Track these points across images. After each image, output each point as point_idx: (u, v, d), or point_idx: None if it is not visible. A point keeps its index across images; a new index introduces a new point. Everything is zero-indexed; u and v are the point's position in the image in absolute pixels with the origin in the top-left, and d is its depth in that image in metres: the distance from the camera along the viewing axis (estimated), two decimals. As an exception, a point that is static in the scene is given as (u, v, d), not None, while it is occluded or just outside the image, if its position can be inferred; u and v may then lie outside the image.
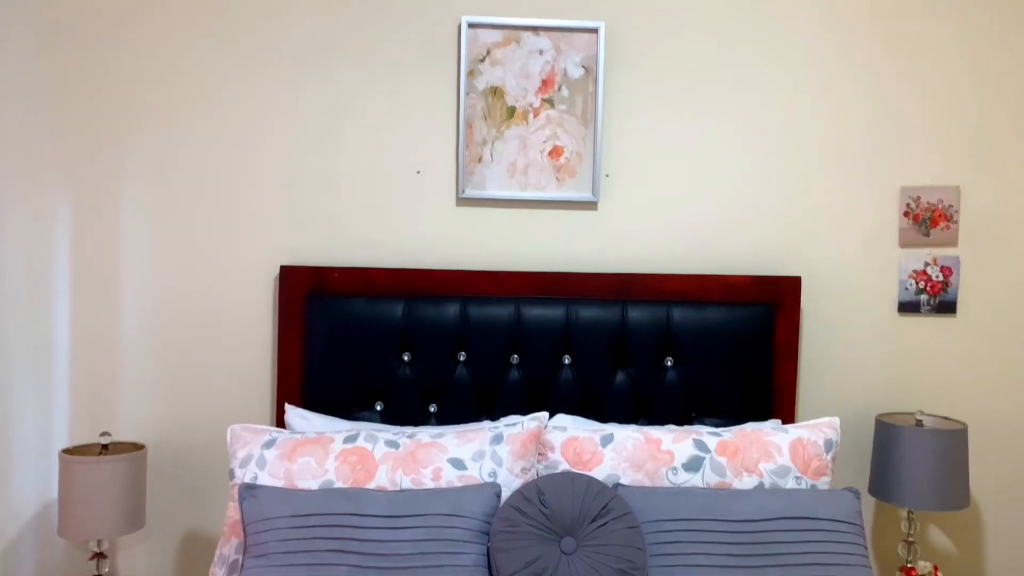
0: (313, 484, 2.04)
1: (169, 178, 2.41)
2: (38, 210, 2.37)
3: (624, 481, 2.13)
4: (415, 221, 2.47)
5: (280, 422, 2.36)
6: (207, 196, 2.42)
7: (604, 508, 1.95)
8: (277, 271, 2.43)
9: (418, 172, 2.46)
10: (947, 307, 2.56)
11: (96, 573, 2.22)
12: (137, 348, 2.42)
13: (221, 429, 2.40)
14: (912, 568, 2.33)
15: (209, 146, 2.41)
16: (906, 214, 2.54)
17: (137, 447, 2.29)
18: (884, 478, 2.34)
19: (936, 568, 2.33)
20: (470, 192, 2.46)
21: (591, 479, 2.01)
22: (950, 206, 2.53)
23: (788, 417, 2.46)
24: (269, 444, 2.12)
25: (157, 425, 2.42)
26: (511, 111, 2.46)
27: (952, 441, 2.28)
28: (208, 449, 2.42)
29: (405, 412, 2.39)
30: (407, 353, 2.40)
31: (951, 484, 2.27)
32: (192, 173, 2.41)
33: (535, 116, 2.46)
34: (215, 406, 2.43)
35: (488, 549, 1.95)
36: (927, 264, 2.54)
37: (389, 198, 2.46)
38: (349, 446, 2.11)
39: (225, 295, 2.44)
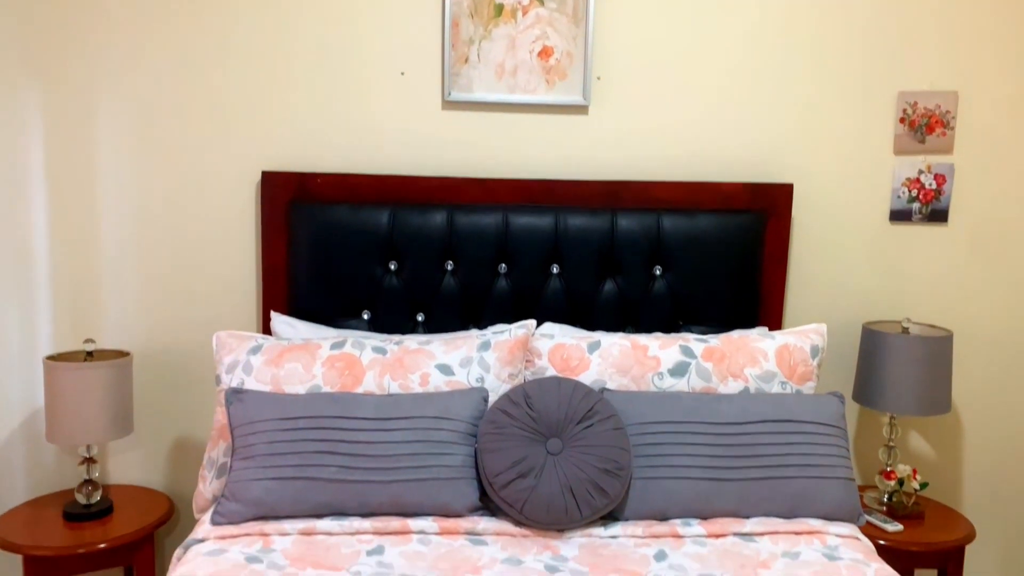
0: (300, 389, 2.05)
1: (146, 82, 2.32)
2: (10, 115, 2.29)
3: (610, 386, 2.14)
4: (399, 125, 2.40)
5: (266, 330, 2.35)
6: (185, 99, 2.34)
7: (590, 411, 1.96)
8: (259, 177, 2.37)
9: (402, 73, 2.38)
10: (939, 216, 2.53)
11: (87, 478, 2.24)
12: (118, 255, 2.38)
13: (207, 337, 2.39)
14: (892, 471, 2.38)
15: (188, 48, 2.32)
16: (902, 120, 2.49)
17: (122, 354, 2.27)
18: (868, 384, 2.37)
19: (915, 471, 2.38)
20: (456, 95, 2.39)
21: (577, 383, 2.01)
22: (947, 112, 2.48)
23: (775, 325, 2.47)
24: (255, 350, 2.11)
25: (142, 333, 2.41)
26: (499, 9, 2.36)
27: (937, 348, 2.30)
28: (194, 357, 2.41)
29: (392, 321, 2.38)
30: (393, 262, 2.37)
31: (934, 390, 2.30)
32: (170, 76, 2.32)
33: (524, 14, 2.37)
34: (200, 314, 2.41)
35: (475, 451, 1.96)
36: (921, 172, 2.51)
37: (372, 101, 2.39)
38: (336, 352, 2.11)
39: (206, 201, 2.39)
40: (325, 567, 1.72)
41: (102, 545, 2.10)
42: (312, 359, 2.08)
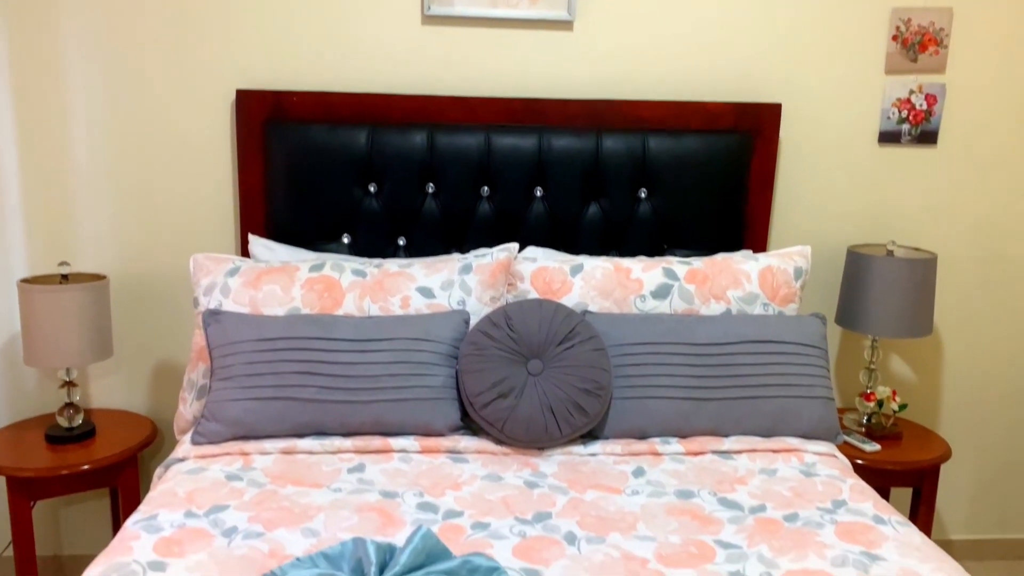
0: (279, 311, 2.03)
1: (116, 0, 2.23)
2: (-30, 28, 2.20)
3: (592, 309, 2.13)
4: (378, 42, 2.32)
5: (245, 253, 2.32)
6: (157, 17, 2.25)
7: (571, 332, 1.95)
8: (234, 96, 2.30)
9: (380, -13, 2.29)
10: (928, 137, 2.49)
11: (68, 401, 2.23)
12: (92, 178, 2.32)
13: (184, 259, 2.36)
14: (871, 393, 2.40)
15: (151, -44, 2.22)
16: (894, 38, 2.42)
17: (98, 278, 2.24)
18: (852, 307, 2.37)
19: (894, 393, 2.40)
20: (436, 9, 2.30)
21: (559, 305, 2.00)
22: (941, 29, 2.42)
23: (760, 248, 2.45)
24: (233, 272, 2.08)
25: (118, 257, 2.37)
26: (479, -83, 2.26)
27: (921, 271, 2.29)
28: (172, 280, 2.38)
29: (373, 245, 2.35)
30: (372, 184, 2.32)
31: (916, 312, 2.30)
32: (134, -13, 2.23)
33: (506, -77, 2.27)
34: (177, 237, 2.37)
35: (456, 372, 1.96)
36: (912, 92, 2.46)
37: (350, 16, 2.30)
38: (315, 275, 2.08)
39: (181, 122, 2.32)
40: (306, 484, 1.73)
41: (85, 466, 2.10)
42: (291, 281, 2.06)
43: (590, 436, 1.99)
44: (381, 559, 1.36)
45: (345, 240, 2.35)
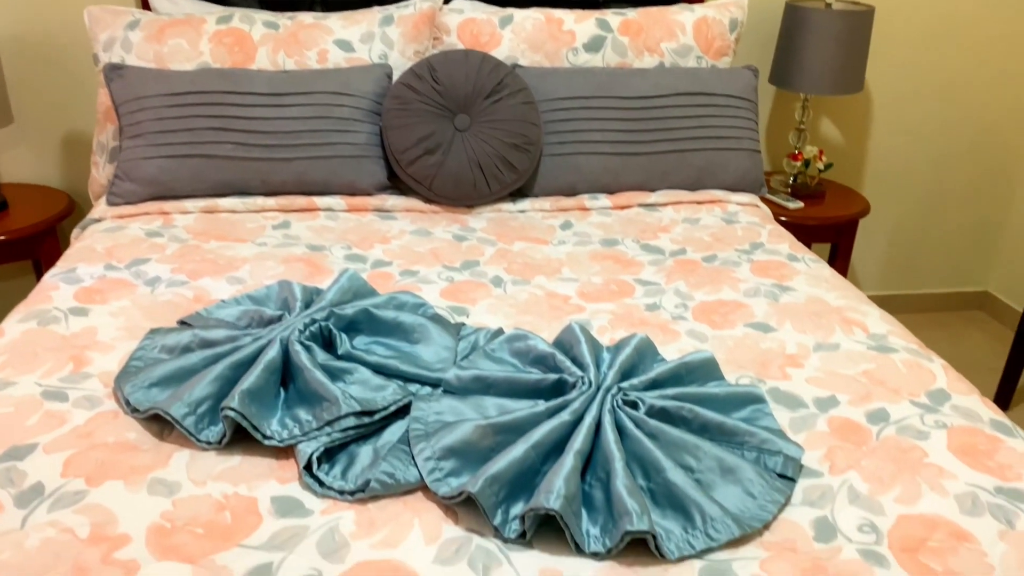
0: (187, 66, 1.90)
1: None
2: None
3: (522, 63, 2.04)
4: None
5: (146, 5, 2.13)
6: None
7: (499, 84, 1.88)
8: None
9: None
10: None
11: (-27, 172, 2.12)
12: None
13: (79, 15, 2.16)
14: (799, 153, 2.43)
15: None
16: None
17: (-16, 35, 2.04)
18: (786, 63, 2.32)
19: (821, 152, 2.43)
20: None
21: (486, 55, 1.91)
22: None
23: None
24: (133, 25, 1.92)
25: (5, 16, 2.15)
26: None
27: (857, 23, 2.24)
28: (69, 39, 2.19)
29: (287, -1, 2.17)
30: (282, -73, 2.11)
31: (849, 68, 2.27)
32: None
33: None
34: (67, -9, 2.16)
35: (380, 128, 1.90)
36: None
37: None
38: (223, 27, 1.93)
39: None
40: (230, 239, 1.70)
41: (1, 237, 2.04)
42: (197, 35, 1.91)
43: (519, 194, 1.99)
44: (307, 298, 1.37)
45: (256, -6, 2.17)
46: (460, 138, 1.86)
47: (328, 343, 1.27)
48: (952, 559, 0.97)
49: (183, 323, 1.37)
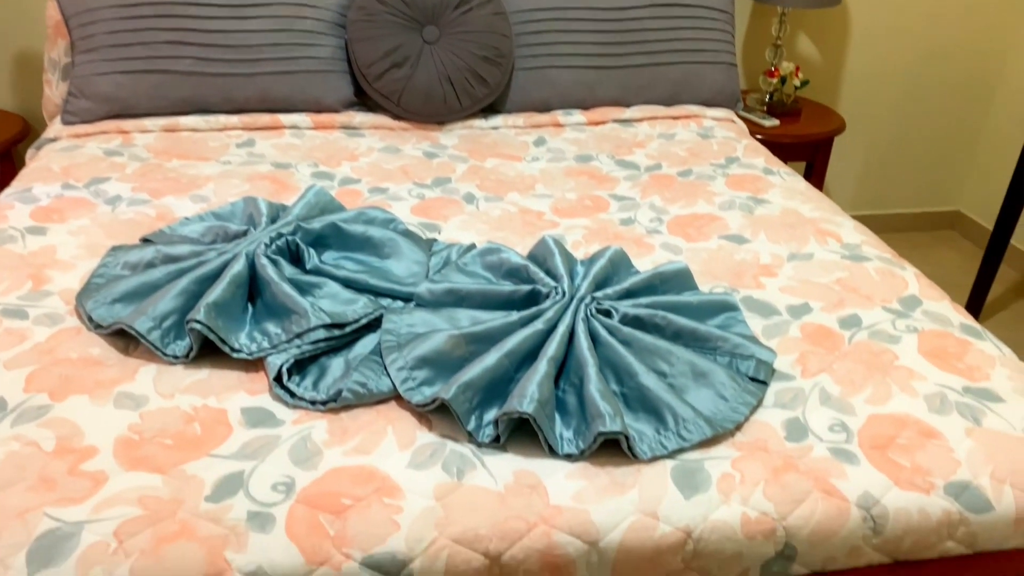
0: (140, -23, 1.80)
1: None
2: None
3: (493, -26, 1.97)
4: None
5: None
6: None
7: (468, -6, 1.82)
8: None
9: None
10: None
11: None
12: None
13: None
14: (776, 69, 2.39)
15: None
16: None
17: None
18: (763, -23, 2.26)
19: (797, 69, 2.39)
20: None
21: (454, -36, 1.84)
22: None
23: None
24: (79, -67, 1.81)
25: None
26: None
27: (837, -67, 2.17)
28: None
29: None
30: None
31: (827, -20, 2.22)
32: None
33: None
34: None
35: (345, 42, 1.83)
36: None
37: None
38: (177, -65, 1.83)
39: None
40: (193, 158, 1.65)
41: (-47, 162, 1.96)
42: (149, -58, 1.81)
43: (491, 110, 1.94)
44: (273, 213, 1.34)
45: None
46: (429, 51, 1.80)
47: (296, 258, 1.24)
48: (920, 455, 0.98)
49: (146, 240, 1.33)
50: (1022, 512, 0.96)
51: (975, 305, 2.39)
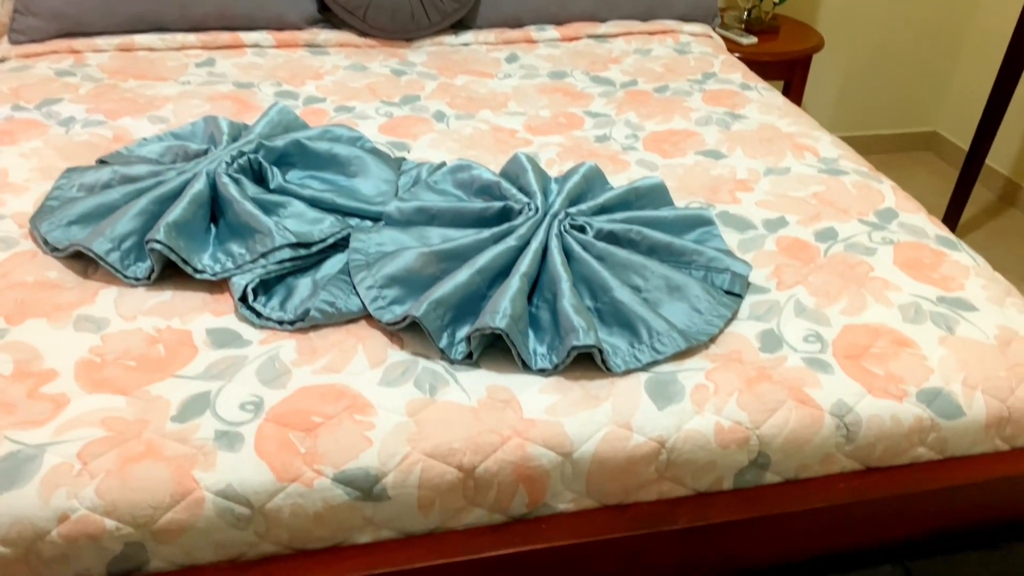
0: None
1: None
2: None
3: None
4: None
5: None
6: None
7: (435, -99, 1.73)
8: None
9: None
10: None
11: None
12: None
13: None
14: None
15: None
16: None
17: None
18: None
19: (777, -17, 2.33)
20: None
21: None
22: None
23: None
24: None
25: None
26: None
27: None
28: None
29: None
30: None
31: None
32: None
33: None
34: None
35: (307, -46, 1.74)
36: None
37: None
38: None
39: None
40: (150, 78, 1.58)
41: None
42: None
43: (461, 26, 1.87)
44: (234, 132, 1.29)
45: None
46: (395, -37, 1.72)
47: (259, 177, 1.20)
48: (893, 363, 0.98)
49: (102, 162, 1.27)
50: (992, 417, 0.97)
51: (949, 224, 2.40)
